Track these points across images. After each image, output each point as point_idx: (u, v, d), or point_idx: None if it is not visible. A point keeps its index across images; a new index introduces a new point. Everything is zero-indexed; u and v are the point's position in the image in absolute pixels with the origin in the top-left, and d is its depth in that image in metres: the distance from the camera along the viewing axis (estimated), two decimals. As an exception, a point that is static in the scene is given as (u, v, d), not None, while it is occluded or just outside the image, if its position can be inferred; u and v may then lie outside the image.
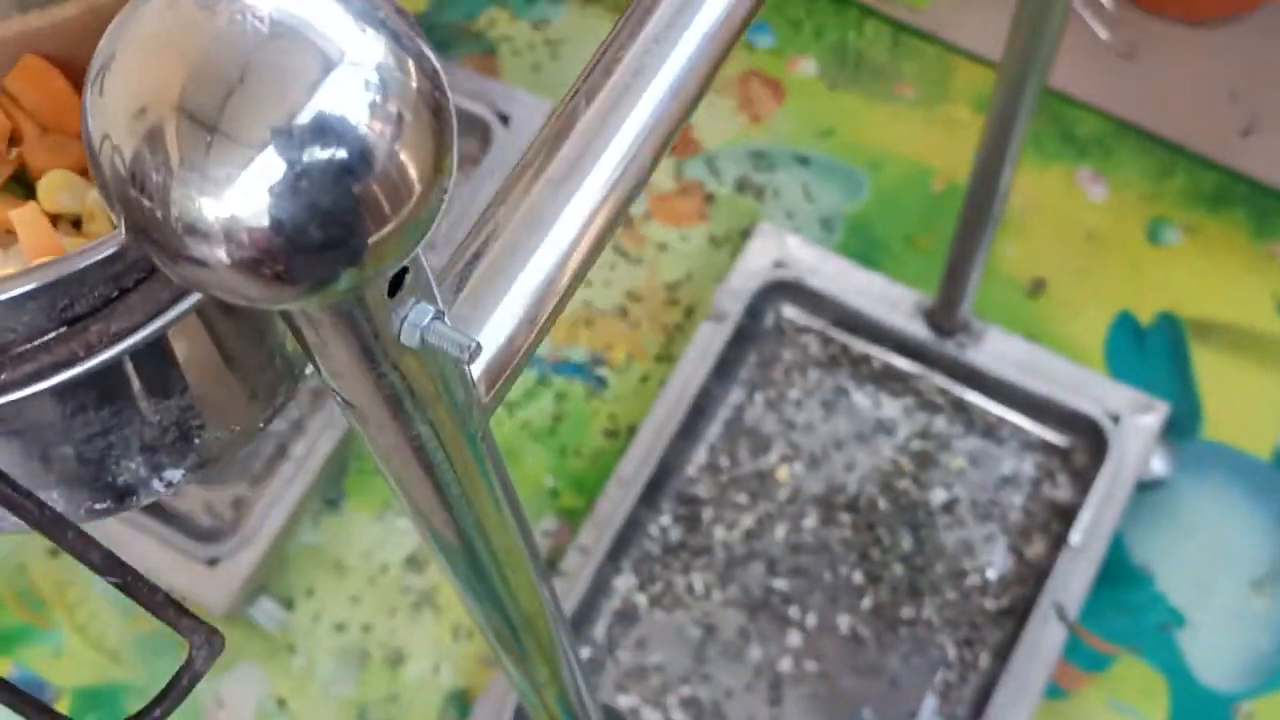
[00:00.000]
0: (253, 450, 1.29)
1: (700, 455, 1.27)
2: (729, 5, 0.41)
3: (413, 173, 0.27)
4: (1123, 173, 1.38)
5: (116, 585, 0.33)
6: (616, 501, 1.22)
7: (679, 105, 0.40)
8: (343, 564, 1.29)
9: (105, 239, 0.32)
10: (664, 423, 1.24)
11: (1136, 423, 1.20)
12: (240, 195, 0.26)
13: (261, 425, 0.40)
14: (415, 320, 0.31)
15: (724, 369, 1.27)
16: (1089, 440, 1.22)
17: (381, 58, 0.26)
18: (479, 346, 0.31)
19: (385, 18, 0.27)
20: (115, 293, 0.33)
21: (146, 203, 0.26)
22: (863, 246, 1.36)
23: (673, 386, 1.25)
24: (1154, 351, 1.30)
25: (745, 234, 1.35)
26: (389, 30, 0.27)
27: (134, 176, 0.26)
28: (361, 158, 0.26)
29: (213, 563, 1.24)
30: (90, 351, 0.32)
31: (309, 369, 0.41)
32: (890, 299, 1.27)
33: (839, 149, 1.41)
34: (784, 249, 1.29)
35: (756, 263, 1.29)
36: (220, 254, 0.26)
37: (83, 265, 0.32)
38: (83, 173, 0.42)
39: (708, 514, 1.25)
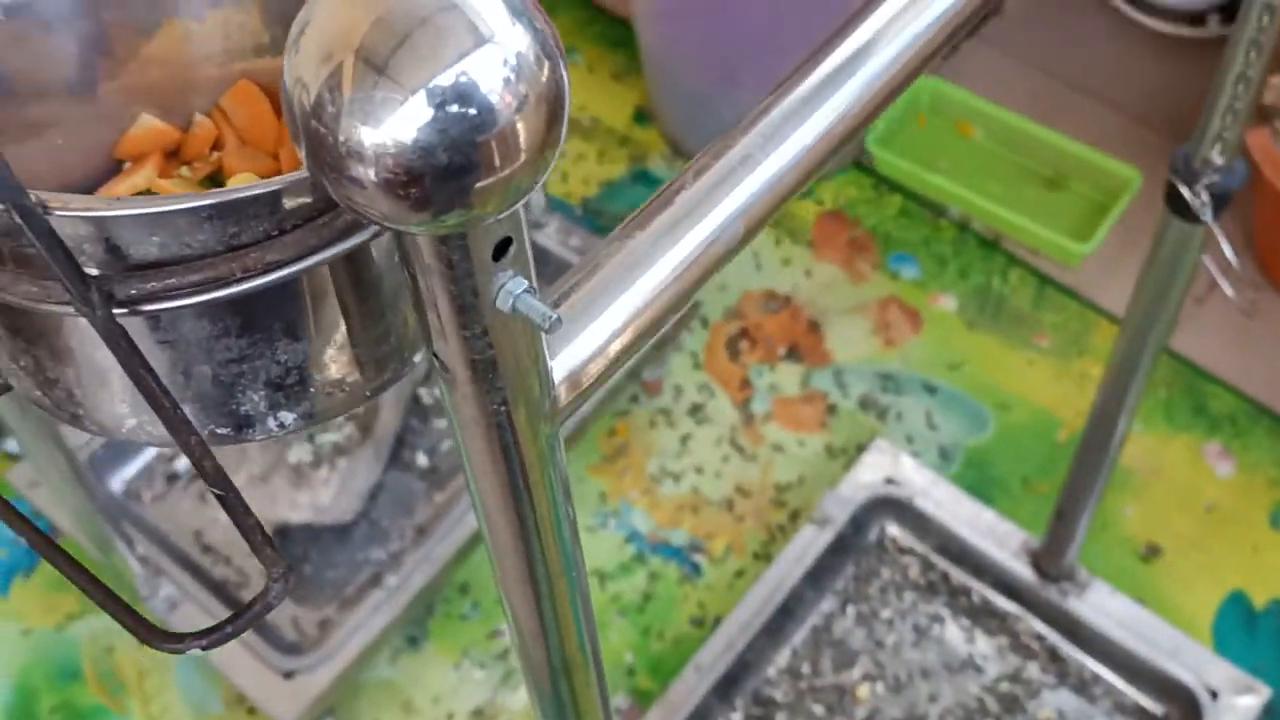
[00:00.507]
0: (346, 575, 1.33)
1: (782, 658, 1.25)
2: (834, 120, 0.45)
3: (523, 142, 0.31)
4: (1252, 454, 1.36)
5: (219, 498, 0.37)
6: (690, 688, 1.21)
7: (770, 197, 0.44)
8: (411, 704, 1.29)
9: (269, 182, 0.38)
10: (750, 618, 1.23)
11: (1235, 702, 1.15)
12: (391, 127, 0.30)
13: (368, 394, 0.44)
14: (510, 288, 0.35)
15: (819, 575, 1.27)
16: (1185, 712, 1.17)
17: (522, 48, 0.31)
18: (559, 320, 0.34)
19: (534, 19, 0.32)
20: (275, 231, 0.38)
21: (322, 130, 0.31)
22: (978, 480, 1.36)
23: (765, 582, 1.25)
24: (1264, 635, 1.25)
25: (862, 449, 1.36)
26: (535, 30, 0.32)
27: (316, 109, 0.31)
28: (487, 118, 0.31)
29: (289, 675, 1.25)
30: (245, 274, 0.37)
31: (418, 355, 0.45)
32: (998, 535, 1.26)
33: (968, 384, 1.43)
34: (898, 467, 1.30)
35: (869, 476, 1.30)
36: (370, 173, 0.31)
37: (251, 194, 0.37)
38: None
39: (780, 718, 1.23)
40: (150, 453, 1.39)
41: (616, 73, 1.73)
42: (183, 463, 1.39)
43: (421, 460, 1.39)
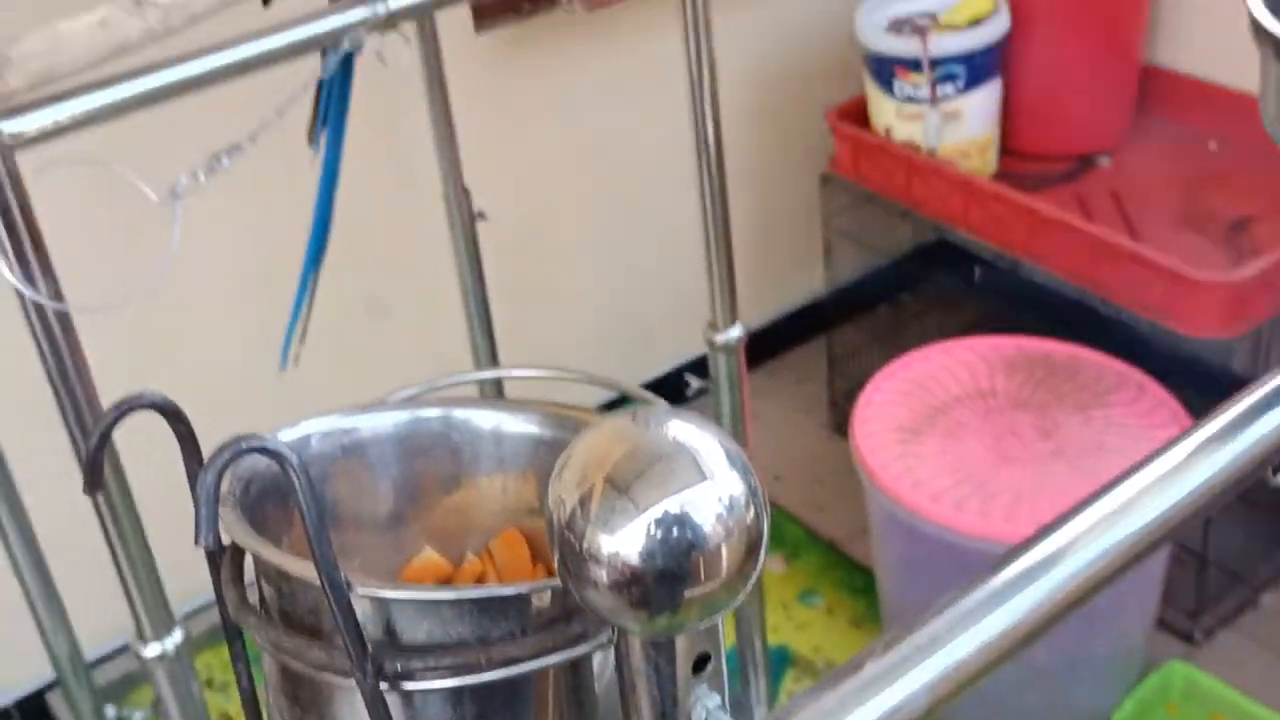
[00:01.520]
0: None
1: None
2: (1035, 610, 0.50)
3: (725, 564, 0.39)
4: None
5: None
6: None
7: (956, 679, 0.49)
8: None
9: (519, 585, 0.46)
10: None
11: None
12: (625, 536, 0.38)
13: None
14: (706, 702, 0.41)
15: None
16: None
17: (735, 491, 0.39)
18: (742, 732, 0.40)
19: (747, 472, 0.40)
20: (519, 630, 0.46)
21: (571, 537, 0.39)
22: None
23: None
24: None
25: None
26: (746, 480, 0.40)
27: (569, 521, 0.40)
28: (699, 539, 0.39)
29: None
30: (490, 664, 0.45)
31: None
32: None
33: None
34: None
35: None
36: (603, 573, 0.39)
37: (507, 593, 0.45)
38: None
39: None
40: None
41: (856, 618, 1.79)
42: None
43: None
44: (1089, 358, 1.73)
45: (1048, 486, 1.57)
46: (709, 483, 0.39)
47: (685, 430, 0.39)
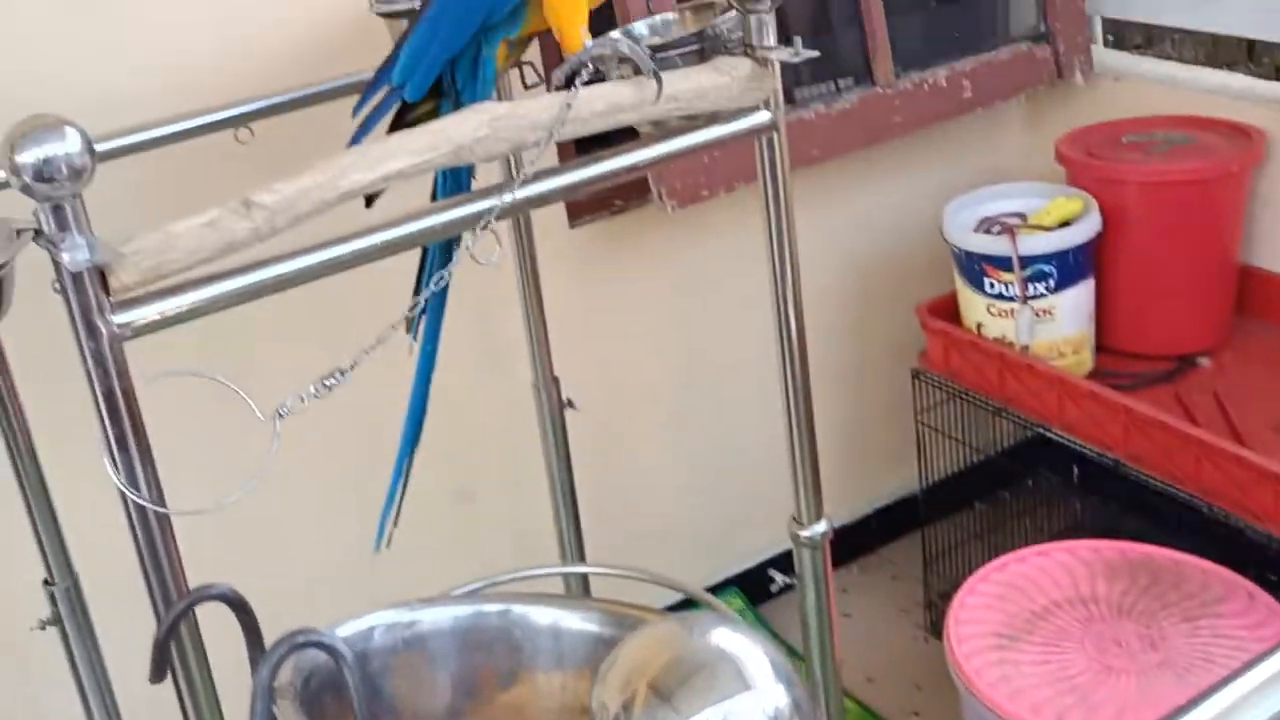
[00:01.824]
0: None
1: None
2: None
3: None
4: None
5: None
6: None
7: None
8: None
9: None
10: None
11: None
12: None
13: None
14: None
15: None
16: None
17: (779, 703, 0.39)
18: None
19: (791, 684, 0.40)
20: None
21: (608, 746, 0.39)
22: None
23: None
24: None
25: None
26: (791, 694, 0.39)
27: (607, 727, 0.39)
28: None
29: None
30: None
31: None
32: None
33: None
34: None
35: None
36: None
37: None
38: None
39: None
40: None
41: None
42: None
43: None
44: (1194, 564, 1.67)
45: (1153, 700, 1.50)
46: (752, 693, 0.38)
47: (731, 639, 0.39)
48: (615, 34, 1.10)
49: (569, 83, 1.05)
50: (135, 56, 1.51)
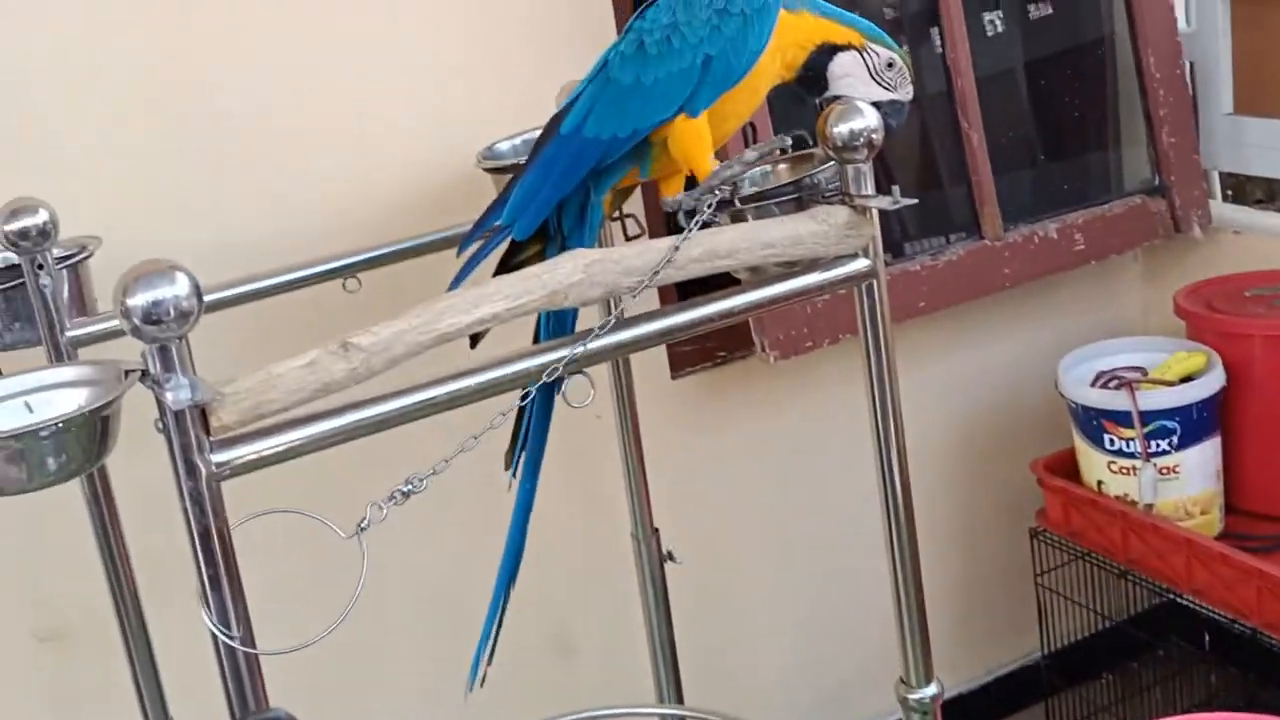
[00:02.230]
0: None
1: None
2: None
3: None
4: None
5: None
6: None
7: None
8: None
9: None
10: None
11: None
12: None
13: None
14: None
15: None
16: None
17: None
18: None
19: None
20: None
21: None
22: None
23: None
24: None
25: None
26: None
27: None
28: None
29: None
30: None
31: None
32: None
33: None
34: None
35: None
36: None
37: None
38: None
39: None
40: None
41: None
42: None
43: None
44: (1340, 740, 1.55)
45: None
46: None
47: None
48: (738, 161, 1.13)
49: (690, 215, 1.08)
50: (251, 207, 1.57)
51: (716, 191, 1.11)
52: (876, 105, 1.10)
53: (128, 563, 1.33)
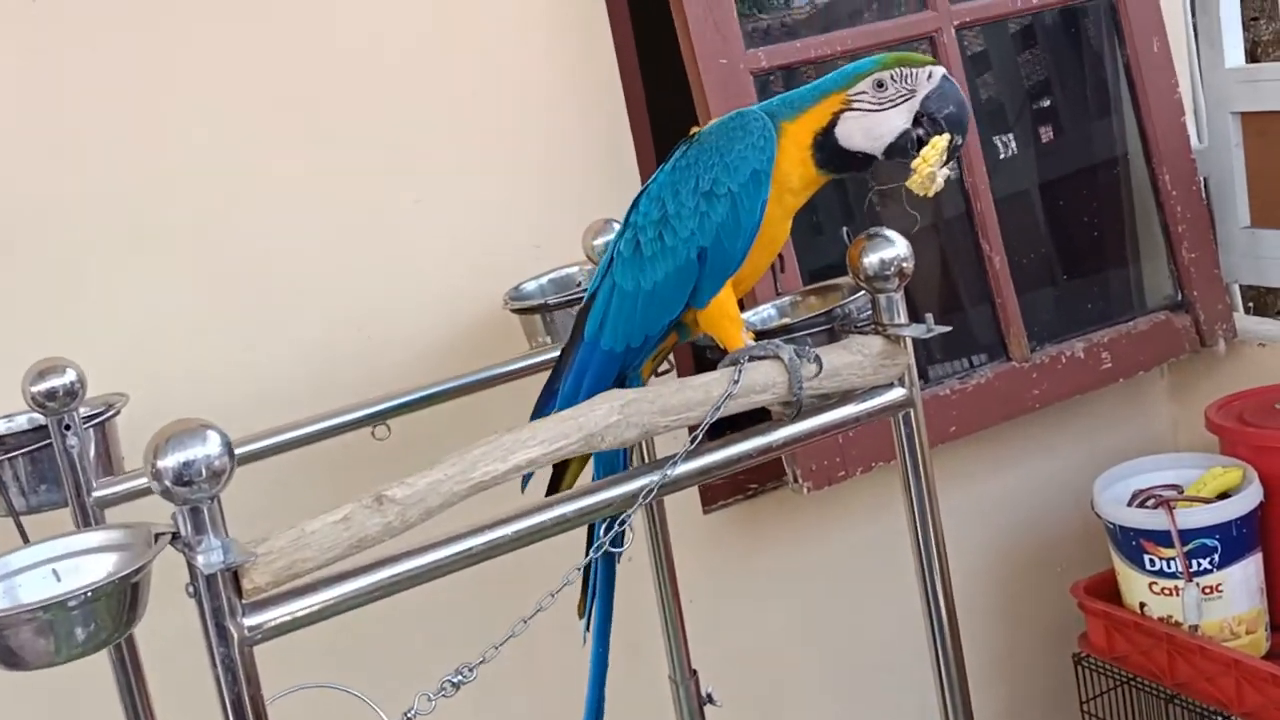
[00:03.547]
0: None
1: None
2: None
3: None
4: None
5: None
6: None
7: None
8: None
9: None
10: None
11: None
12: None
13: None
14: None
15: None
16: None
17: None
18: None
19: None
20: None
21: None
22: None
23: None
24: None
25: None
26: None
27: None
28: None
29: None
30: None
31: None
32: None
33: None
34: None
35: None
36: None
37: None
38: None
39: None
40: None
41: None
42: None
43: None
44: None
45: None
46: None
47: None
48: (774, 342, 1.10)
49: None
50: (277, 353, 1.56)
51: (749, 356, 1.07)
52: (917, 119, 1.05)
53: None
